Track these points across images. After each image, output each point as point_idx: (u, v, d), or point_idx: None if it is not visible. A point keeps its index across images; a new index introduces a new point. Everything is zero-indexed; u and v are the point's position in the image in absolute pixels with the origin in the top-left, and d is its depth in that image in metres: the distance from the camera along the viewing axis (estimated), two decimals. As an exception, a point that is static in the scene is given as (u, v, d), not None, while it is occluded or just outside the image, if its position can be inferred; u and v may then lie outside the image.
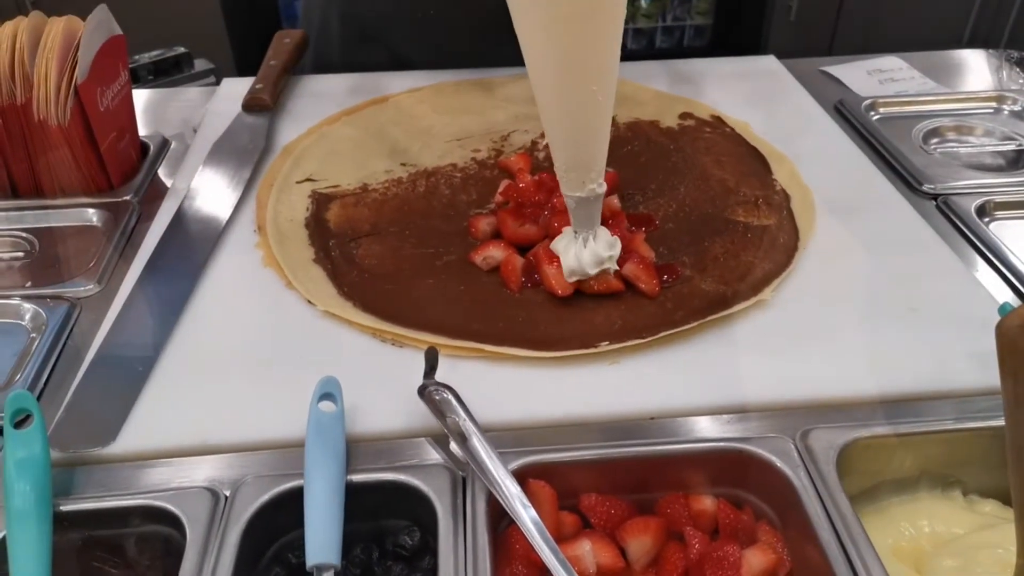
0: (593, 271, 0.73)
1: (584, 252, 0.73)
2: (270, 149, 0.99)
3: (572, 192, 0.72)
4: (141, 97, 1.14)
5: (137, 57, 1.67)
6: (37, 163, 0.88)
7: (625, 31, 0.68)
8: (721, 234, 0.84)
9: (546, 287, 0.75)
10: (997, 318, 0.43)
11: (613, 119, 1.04)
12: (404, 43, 1.19)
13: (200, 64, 1.74)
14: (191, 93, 1.18)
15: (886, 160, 0.99)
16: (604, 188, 0.72)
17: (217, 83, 1.16)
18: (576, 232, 0.74)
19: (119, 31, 0.94)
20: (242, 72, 1.14)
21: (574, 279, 0.74)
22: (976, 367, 0.68)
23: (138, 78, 1.66)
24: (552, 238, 0.77)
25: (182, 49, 1.69)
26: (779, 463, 0.59)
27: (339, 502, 0.55)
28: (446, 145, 1.00)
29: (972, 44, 2.42)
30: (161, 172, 0.99)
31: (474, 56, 1.16)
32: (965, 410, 0.65)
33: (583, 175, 0.70)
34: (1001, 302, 0.73)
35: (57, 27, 0.87)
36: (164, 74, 1.65)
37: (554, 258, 0.75)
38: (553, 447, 0.61)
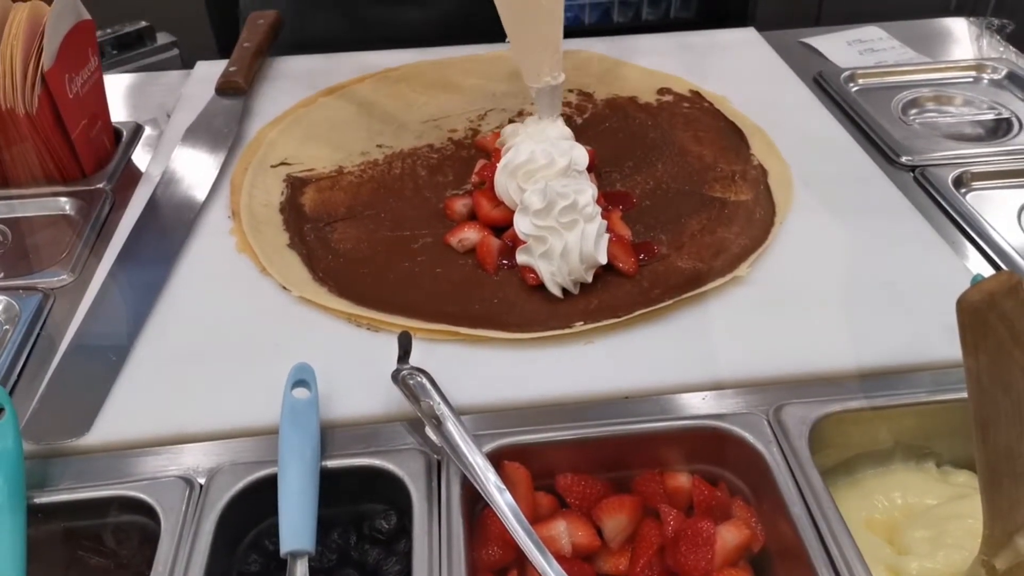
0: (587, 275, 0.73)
1: (574, 258, 0.71)
2: (244, 133, 0.98)
3: (531, 83, 0.83)
4: (114, 82, 1.13)
5: (99, 32, 1.65)
6: (7, 153, 0.87)
7: (611, 3, 0.72)
8: (698, 211, 0.83)
9: (521, 274, 0.75)
10: (970, 290, 0.43)
11: (591, 96, 1.05)
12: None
13: (162, 37, 1.72)
14: (165, 78, 1.17)
15: (864, 132, 0.99)
16: (561, 79, 0.83)
17: (180, 56, 1.14)
18: (538, 117, 0.85)
19: (87, 15, 0.92)
20: (221, 49, 1.12)
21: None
22: (950, 339, 0.67)
23: (102, 53, 1.64)
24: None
25: (144, 23, 1.67)
26: (752, 439, 0.59)
27: (313, 488, 0.56)
28: (423, 125, 0.99)
29: (959, 11, 2.40)
30: (135, 158, 0.98)
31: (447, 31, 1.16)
32: (939, 382, 0.65)
33: (536, 66, 0.81)
34: (974, 273, 0.74)
35: (22, 13, 0.85)
36: (127, 48, 1.62)
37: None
38: (528, 428, 0.61)
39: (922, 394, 0.64)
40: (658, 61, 1.12)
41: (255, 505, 0.58)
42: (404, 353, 0.64)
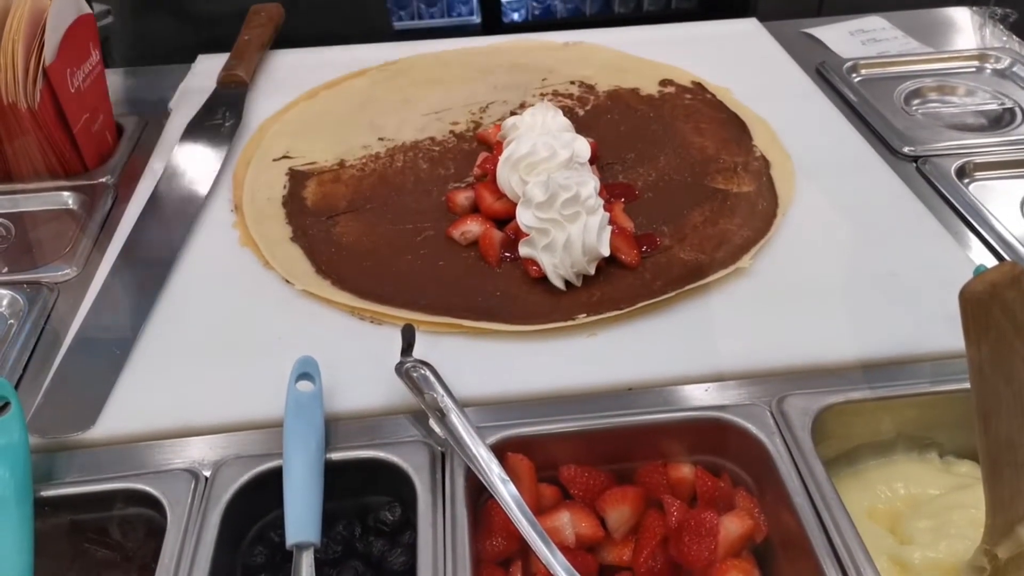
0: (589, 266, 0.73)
1: (576, 250, 0.71)
2: (246, 126, 0.98)
3: None
4: (116, 77, 1.13)
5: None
6: (8, 148, 0.87)
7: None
8: (700, 202, 0.83)
9: (524, 267, 0.75)
10: (972, 281, 0.43)
11: (592, 87, 1.04)
12: None
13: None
14: (167, 72, 1.16)
15: (867, 123, 0.99)
16: None
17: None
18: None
19: (88, 9, 0.92)
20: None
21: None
22: (953, 330, 0.66)
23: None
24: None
25: None
26: (755, 430, 0.59)
27: (318, 481, 0.56)
28: (424, 118, 0.99)
29: (962, 1, 2.39)
30: (138, 152, 0.98)
31: None
32: (941, 372, 0.65)
33: None
34: (977, 264, 0.74)
35: (23, 8, 0.85)
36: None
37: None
38: (532, 420, 0.62)
39: (924, 385, 0.64)
40: (660, 52, 1.11)
41: (260, 497, 0.58)
42: (408, 346, 0.64)
